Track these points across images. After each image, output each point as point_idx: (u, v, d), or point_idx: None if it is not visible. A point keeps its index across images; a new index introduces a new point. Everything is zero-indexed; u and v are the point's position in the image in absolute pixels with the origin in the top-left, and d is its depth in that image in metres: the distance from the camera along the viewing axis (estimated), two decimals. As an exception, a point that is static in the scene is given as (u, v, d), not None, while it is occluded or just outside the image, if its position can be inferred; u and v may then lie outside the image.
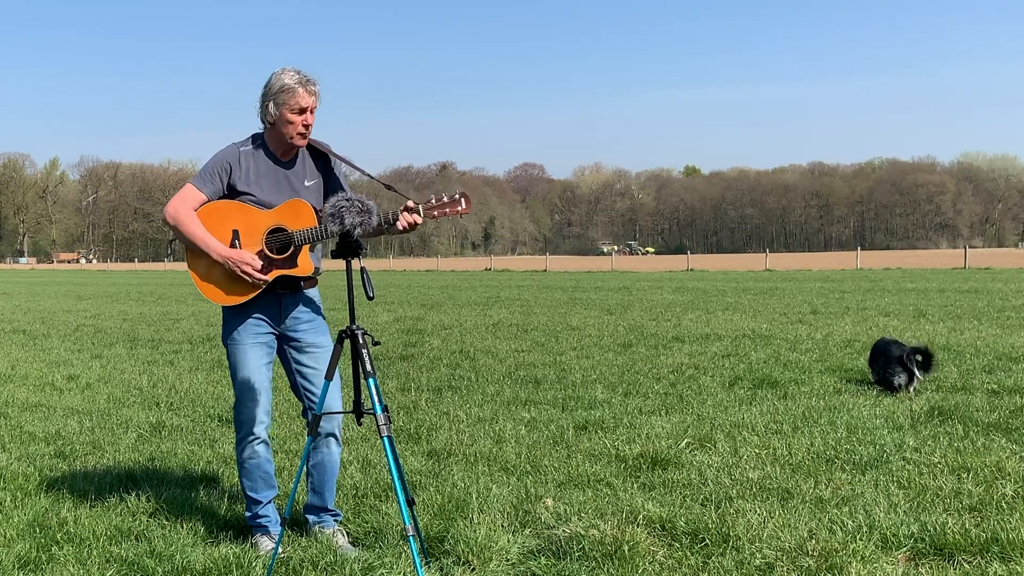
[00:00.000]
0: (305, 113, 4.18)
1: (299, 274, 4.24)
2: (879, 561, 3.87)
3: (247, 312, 4.32)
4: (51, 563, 4.13)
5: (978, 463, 5.32)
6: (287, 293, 4.34)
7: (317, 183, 4.37)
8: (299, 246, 4.18)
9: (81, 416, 7.73)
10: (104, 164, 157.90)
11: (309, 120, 4.21)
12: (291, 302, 4.37)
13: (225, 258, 4.15)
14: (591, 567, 3.91)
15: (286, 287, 4.30)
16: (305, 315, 4.40)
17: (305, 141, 4.28)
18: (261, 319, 4.34)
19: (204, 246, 4.18)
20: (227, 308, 4.35)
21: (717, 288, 28.10)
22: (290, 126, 4.19)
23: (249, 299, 4.25)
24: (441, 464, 5.72)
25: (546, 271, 53.55)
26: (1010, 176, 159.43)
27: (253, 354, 4.33)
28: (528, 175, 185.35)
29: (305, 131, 4.23)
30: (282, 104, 4.15)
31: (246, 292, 4.23)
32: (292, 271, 4.22)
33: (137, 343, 14.00)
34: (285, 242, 4.18)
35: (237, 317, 4.34)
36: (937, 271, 38.96)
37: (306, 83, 4.16)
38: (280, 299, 4.34)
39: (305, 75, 4.19)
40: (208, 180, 4.26)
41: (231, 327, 4.37)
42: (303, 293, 4.40)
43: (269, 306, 4.33)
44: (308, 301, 4.42)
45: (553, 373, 9.66)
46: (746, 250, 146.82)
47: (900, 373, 7.91)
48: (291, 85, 4.14)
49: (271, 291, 4.29)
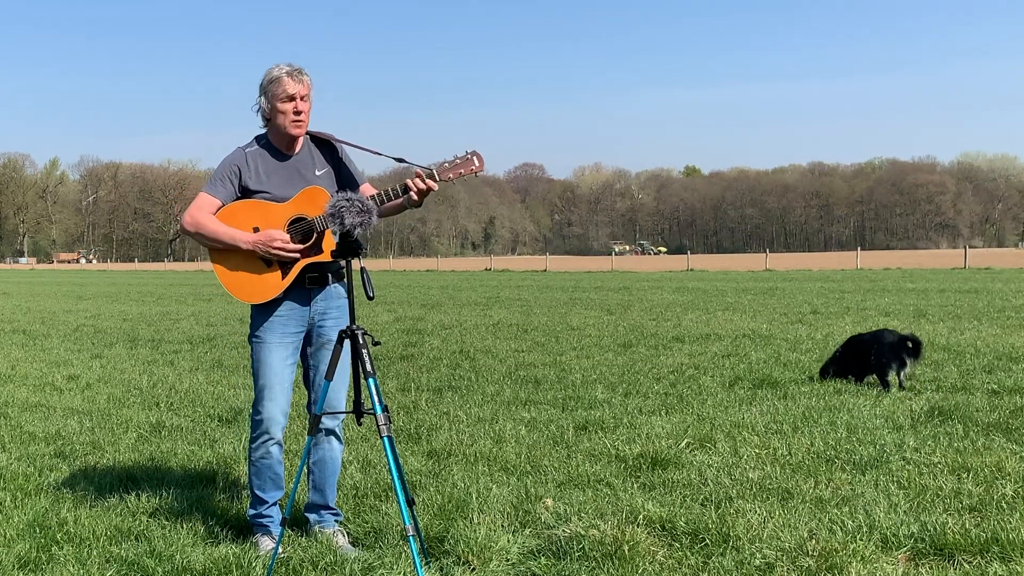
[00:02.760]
0: (295, 100, 4.22)
1: (325, 260, 4.25)
2: (879, 561, 3.87)
3: (275, 310, 4.32)
4: (51, 563, 4.12)
5: (978, 463, 5.32)
6: (315, 288, 4.35)
7: (328, 172, 4.41)
8: (321, 231, 4.20)
9: (81, 416, 7.73)
10: (104, 164, 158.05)
11: (300, 107, 4.24)
12: (320, 296, 4.38)
13: (255, 243, 4.17)
14: (591, 567, 3.91)
15: (314, 282, 4.32)
16: (333, 311, 4.40)
17: (300, 130, 4.29)
18: (289, 318, 4.33)
19: (231, 240, 4.19)
20: (255, 305, 4.36)
21: (717, 288, 28.10)
22: (282, 116, 4.24)
23: (278, 296, 4.26)
24: (441, 464, 5.72)
25: (546, 271, 53.55)
26: (1010, 176, 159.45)
27: (277, 353, 4.33)
28: (528, 175, 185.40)
29: (297, 118, 4.25)
30: (272, 95, 4.22)
31: (277, 285, 4.24)
32: (319, 257, 4.24)
33: (137, 343, 14.00)
34: (307, 230, 4.20)
35: (265, 315, 4.33)
36: (937, 271, 38.96)
37: (292, 72, 4.22)
38: (309, 294, 4.35)
39: (293, 66, 4.25)
40: (220, 185, 4.28)
41: (257, 324, 4.37)
42: (331, 287, 4.40)
43: (298, 303, 4.34)
44: (338, 296, 4.43)
45: (553, 373, 9.66)
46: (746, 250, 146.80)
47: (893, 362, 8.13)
48: (277, 75, 4.22)
49: (300, 286, 4.29)
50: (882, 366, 8.15)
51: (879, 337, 8.44)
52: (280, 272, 4.24)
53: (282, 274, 4.24)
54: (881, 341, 8.30)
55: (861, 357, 8.40)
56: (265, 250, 4.17)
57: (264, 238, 4.17)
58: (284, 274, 4.24)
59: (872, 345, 8.34)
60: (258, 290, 4.26)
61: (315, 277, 4.32)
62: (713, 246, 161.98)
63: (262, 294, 4.26)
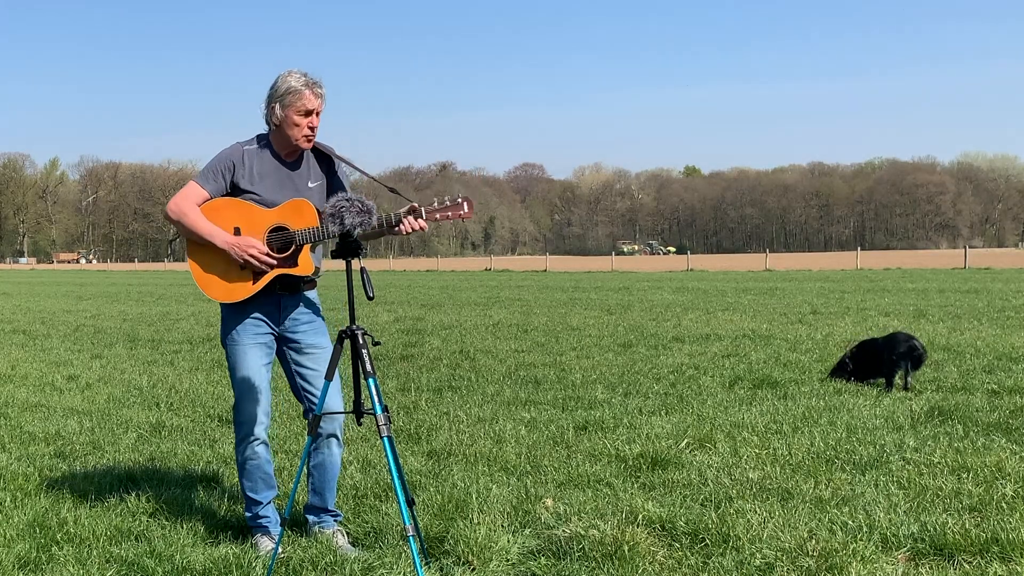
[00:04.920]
0: (311, 115, 4.20)
1: (299, 273, 4.24)
2: (879, 561, 3.87)
3: (246, 312, 4.32)
4: (51, 563, 4.13)
5: (978, 463, 5.32)
6: (286, 295, 4.34)
7: (321, 184, 4.38)
8: (300, 245, 4.18)
9: (81, 416, 7.73)
10: (104, 164, 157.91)
11: (315, 123, 4.22)
12: (290, 303, 4.37)
13: (231, 245, 4.15)
14: (591, 567, 3.91)
15: (285, 288, 4.30)
16: (304, 316, 4.40)
17: (311, 144, 4.29)
18: (260, 320, 4.34)
19: (209, 236, 4.18)
20: (226, 308, 4.36)
21: (717, 288, 28.10)
22: (296, 128, 4.20)
23: (248, 298, 4.25)
24: (441, 464, 5.72)
25: (546, 271, 53.55)
26: (1010, 176, 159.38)
27: (252, 354, 4.33)
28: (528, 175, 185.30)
29: (311, 133, 4.24)
30: (288, 106, 4.17)
31: (246, 289, 4.23)
32: (292, 270, 4.22)
33: (137, 343, 14.00)
34: (286, 241, 4.18)
35: (236, 317, 4.34)
36: (937, 271, 38.96)
37: (312, 85, 4.18)
38: (279, 300, 4.34)
39: (311, 77, 4.20)
40: (211, 178, 4.26)
41: (230, 327, 4.37)
42: (302, 295, 4.40)
43: (268, 307, 4.33)
44: (307, 302, 4.42)
45: (553, 373, 9.66)
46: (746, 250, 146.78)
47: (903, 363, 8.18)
48: (297, 87, 4.15)
49: (270, 292, 4.28)
50: (892, 365, 8.19)
51: (893, 339, 8.49)
52: (252, 278, 4.22)
53: (253, 280, 4.22)
54: (894, 343, 8.35)
55: (874, 360, 8.44)
56: (239, 254, 4.15)
57: (241, 242, 4.15)
58: (255, 280, 4.22)
59: (885, 347, 8.39)
60: (227, 290, 4.24)
61: (286, 285, 4.30)
62: (713, 246, 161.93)
63: (230, 295, 4.25)
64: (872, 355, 8.50)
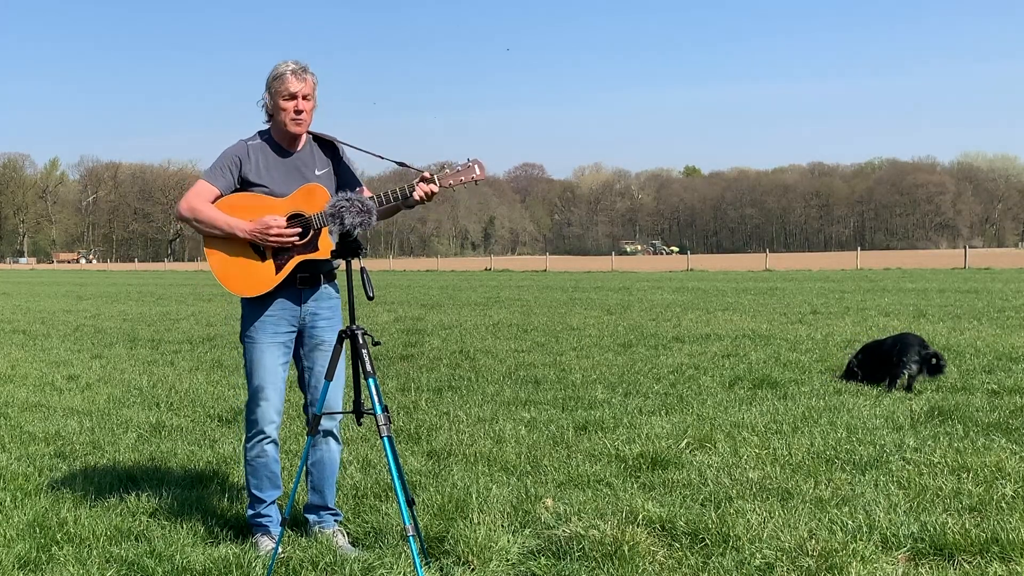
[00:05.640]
0: (296, 99, 4.23)
1: (320, 257, 4.26)
2: (879, 561, 3.87)
3: (266, 309, 4.33)
4: (51, 563, 4.13)
5: (978, 463, 5.32)
6: (307, 288, 4.35)
7: (328, 172, 4.43)
8: (318, 229, 4.21)
9: (81, 416, 7.73)
10: (104, 164, 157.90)
11: (301, 106, 4.25)
12: (311, 296, 4.38)
13: (252, 231, 4.17)
14: (591, 567, 3.91)
15: (305, 282, 4.32)
16: (324, 311, 4.41)
17: (300, 128, 4.30)
18: (280, 317, 4.34)
19: (228, 227, 4.19)
20: (246, 303, 4.36)
21: (717, 288, 28.10)
22: (283, 112, 4.26)
23: (269, 291, 4.26)
24: (441, 464, 5.72)
25: (546, 271, 53.55)
26: (1010, 176, 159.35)
27: (270, 353, 4.34)
28: (528, 175, 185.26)
29: (297, 117, 4.27)
30: (275, 92, 4.25)
31: (270, 280, 4.24)
32: (314, 255, 4.25)
33: (137, 343, 14.00)
34: (304, 226, 4.21)
35: (255, 313, 4.34)
36: (937, 271, 38.97)
37: (295, 70, 4.24)
38: (300, 294, 4.35)
39: (297, 63, 4.27)
40: (219, 174, 4.29)
41: (248, 324, 4.37)
42: (323, 288, 4.41)
43: (289, 301, 4.34)
44: (328, 297, 4.44)
45: (553, 373, 9.66)
46: (746, 250, 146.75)
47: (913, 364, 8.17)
48: (281, 72, 4.24)
49: (291, 286, 4.30)
50: (901, 367, 8.15)
51: (904, 342, 8.43)
52: (274, 267, 4.25)
53: (276, 269, 4.25)
54: (906, 347, 8.30)
55: (882, 361, 8.41)
56: (263, 238, 4.17)
57: (260, 226, 4.17)
58: (278, 269, 4.25)
59: (894, 349, 8.35)
60: (251, 283, 4.26)
61: (306, 277, 4.32)
62: (713, 246, 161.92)
63: (254, 287, 4.26)
64: (879, 356, 8.46)
